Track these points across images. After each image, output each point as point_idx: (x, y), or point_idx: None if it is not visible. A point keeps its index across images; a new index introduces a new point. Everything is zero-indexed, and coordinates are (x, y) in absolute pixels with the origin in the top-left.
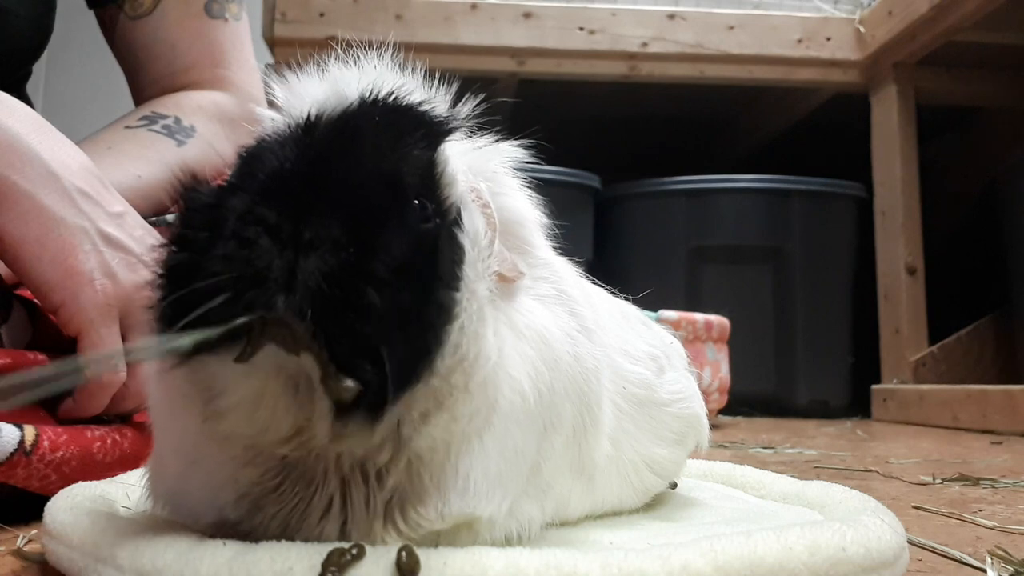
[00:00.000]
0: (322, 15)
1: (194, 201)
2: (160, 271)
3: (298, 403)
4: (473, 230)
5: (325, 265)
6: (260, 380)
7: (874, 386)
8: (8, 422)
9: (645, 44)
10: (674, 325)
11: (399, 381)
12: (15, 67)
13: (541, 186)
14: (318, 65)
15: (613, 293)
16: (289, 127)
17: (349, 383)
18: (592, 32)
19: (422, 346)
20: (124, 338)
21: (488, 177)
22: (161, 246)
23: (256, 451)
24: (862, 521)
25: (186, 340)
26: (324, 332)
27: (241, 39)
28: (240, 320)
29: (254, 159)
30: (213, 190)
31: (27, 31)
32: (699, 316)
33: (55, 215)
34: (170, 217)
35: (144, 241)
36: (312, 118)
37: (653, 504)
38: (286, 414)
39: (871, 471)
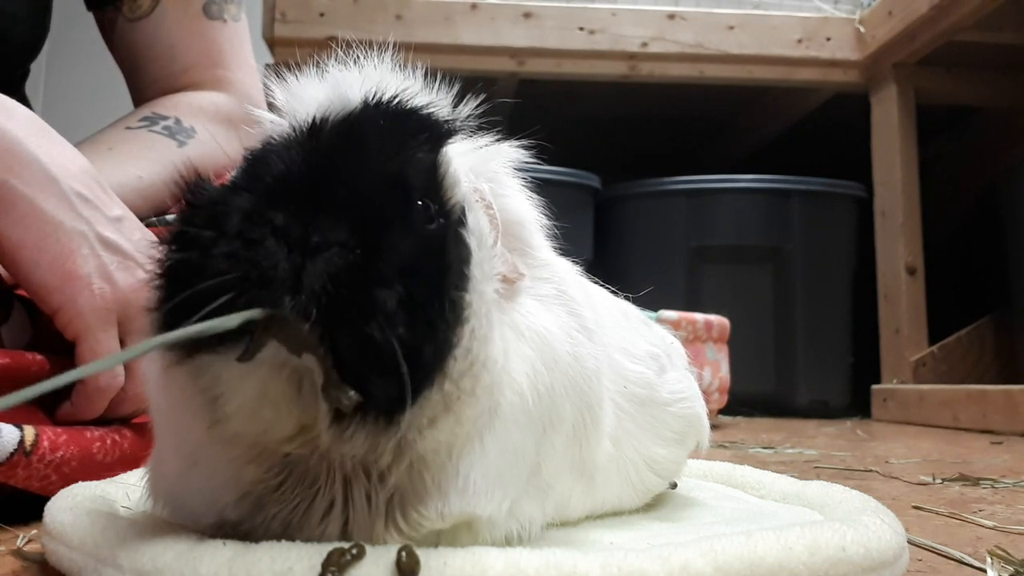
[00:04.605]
0: (322, 15)
1: (198, 198)
2: (162, 270)
3: (302, 400)
4: (478, 231)
5: (332, 267)
6: (262, 378)
7: (874, 386)
8: (7, 423)
9: (645, 44)
10: (674, 325)
11: (414, 387)
12: (12, 67)
13: (541, 186)
14: (318, 66)
15: (613, 293)
16: (294, 130)
17: (351, 393)
18: (592, 32)
19: (436, 349)
20: (122, 342)
21: (489, 178)
22: (162, 243)
23: (259, 449)
24: (862, 521)
25: (188, 332)
26: (330, 335)
27: (240, 40)
28: (244, 314)
29: (259, 162)
30: (217, 189)
31: (23, 32)
32: (699, 316)
33: (54, 219)
34: (171, 218)
35: (142, 245)
36: (317, 121)
37: (653, 504)
38: (290, 412)
39: (871, 471)
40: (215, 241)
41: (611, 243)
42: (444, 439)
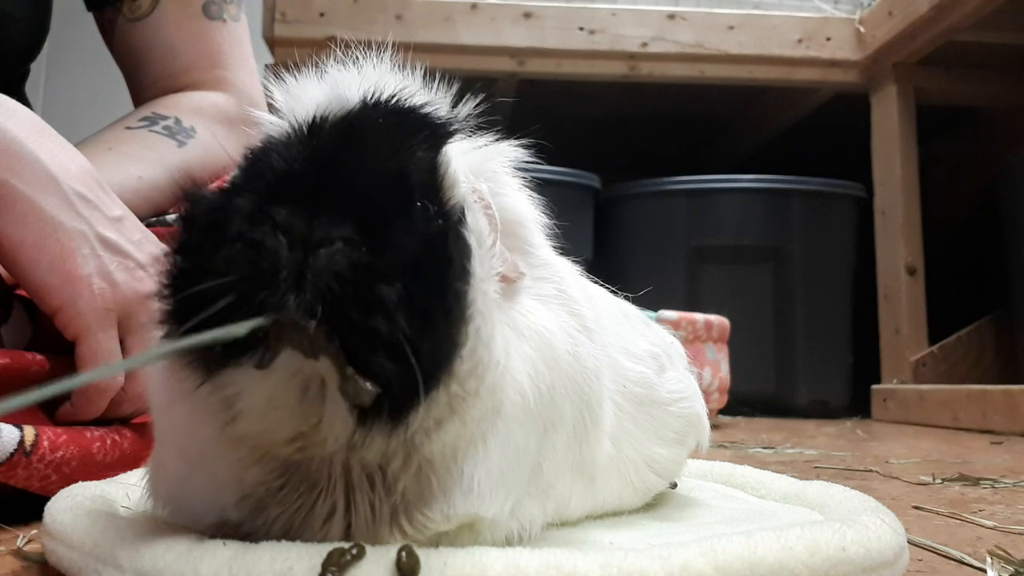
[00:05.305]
0: (322, 15)
1: (198, 205)
2: (166, 280)
3: (304, 407)
4: (478, 230)
5: (335, 264)
6: (276, 383)
7: (874, 386)
8: (7, 423)
9: (645, 44)
10: (674, 325)
11: (424, 382)
12: (12, 68)
13: (541, 186)
14: (317, 67)
15: (613, 293)
16: (293, 129)
17: (368, 385)
18: (592, 32)
19: (441, 347)
20: (122, 342)
21: (489, 177)
22: (166, 255)
23: (261, 451)
24: (862, 521)
25: (195, 341)
26: (338, 331)
27: (240, 40)
28: (251, 321)
29: (259, 161)
30: (217, 193)
31: (23, 33)
32: (699, 316)
33: (54, 219)
34: (171, 218)
35: (143, 245)
36: (317, 120)
37: (653, 504)
38: (291, 418)
39: (871, 471)
40: (217, 246)
41: (611, 243)
42: (450, 441)
